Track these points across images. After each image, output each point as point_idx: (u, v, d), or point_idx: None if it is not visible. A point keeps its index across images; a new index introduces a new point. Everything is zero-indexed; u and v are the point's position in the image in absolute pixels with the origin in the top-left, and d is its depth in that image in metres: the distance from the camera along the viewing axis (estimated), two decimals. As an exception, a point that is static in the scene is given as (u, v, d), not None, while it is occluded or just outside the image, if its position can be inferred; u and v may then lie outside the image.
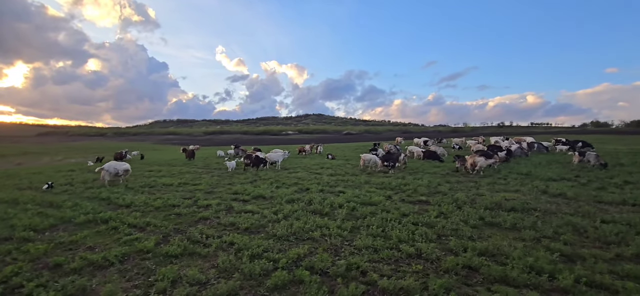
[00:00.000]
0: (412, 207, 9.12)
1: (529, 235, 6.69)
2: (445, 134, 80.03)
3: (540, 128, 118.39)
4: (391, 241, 6.36)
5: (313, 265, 5.29)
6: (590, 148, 24.89)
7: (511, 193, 10.77)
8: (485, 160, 15.62)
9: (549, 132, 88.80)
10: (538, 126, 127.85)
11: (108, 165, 14.52)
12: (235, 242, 6.38)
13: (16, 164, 35.89)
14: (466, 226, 7.35)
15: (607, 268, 5.09)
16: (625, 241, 6.20)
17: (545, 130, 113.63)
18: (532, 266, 5.06)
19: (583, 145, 25.61)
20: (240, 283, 4.84)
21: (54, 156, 47.77)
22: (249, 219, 7.95)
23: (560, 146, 25.24)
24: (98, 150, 47.58)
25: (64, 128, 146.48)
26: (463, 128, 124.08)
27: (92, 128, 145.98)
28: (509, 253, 5.62)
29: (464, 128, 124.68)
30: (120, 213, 8.83)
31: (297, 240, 6.66)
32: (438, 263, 5.40)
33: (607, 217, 7.78)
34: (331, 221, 7.75)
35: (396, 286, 4.58)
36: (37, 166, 28.67)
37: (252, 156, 18.97)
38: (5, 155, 48.54)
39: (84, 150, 56.17)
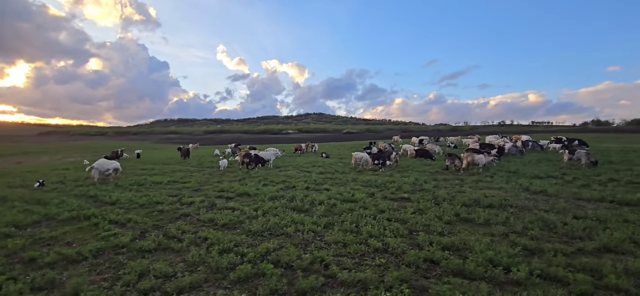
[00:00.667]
0: (392, 204, 9.24)
1: (499, 230, 6.81)
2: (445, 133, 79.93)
3: (541, 127, 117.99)
4: (361, 236, 6.49)
5: (279, 259, 5.42)
6: (585, 147, 24.97)
7: (493, 191, 10.88)
8: (485, 157, 15.63)
9: (549, 131, 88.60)
10: (538, 125, 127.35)
11: (98, 164, 14.70)
12: (209, 238, 6.53)
13: (15, 163, 36.17)
14: (439, 222, 7.47)
15: (565, 261, 5.20)
16: (591, 236, 6.31)
17: (545, 128, 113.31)
18: (492, 260, 5.18)
19: (579, 143, 25.64)
20: (205, 276, 4.97)
21: (53, 155, 48.10)
22: (228, 216, 8.09)
23: (554, 144, 25.26)
24: (98, 149, 47.85)
25: (65, 128, 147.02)
26: (463, 127, 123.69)
27: (93, 127, 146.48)
28: (473, 247, 5.74)
29: (464, 127, 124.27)
30: (103, 210, 8.99)
31: (270, 236, 6.80)
32: (401, 257, 5.52)
33: (580, 213, 7.88)
34: (308, 217, 7.89)
35: (354, 279, 4.71)
36: (34, 165, 28.91)
37: (252, 155, 19.04)
38: (5, 155, 48.88)
39: (84, 149, 56.47)
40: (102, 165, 14.76)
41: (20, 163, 34.48)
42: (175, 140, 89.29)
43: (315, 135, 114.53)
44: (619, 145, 27.64)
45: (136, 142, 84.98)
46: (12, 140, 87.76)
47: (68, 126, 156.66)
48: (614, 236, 6.12)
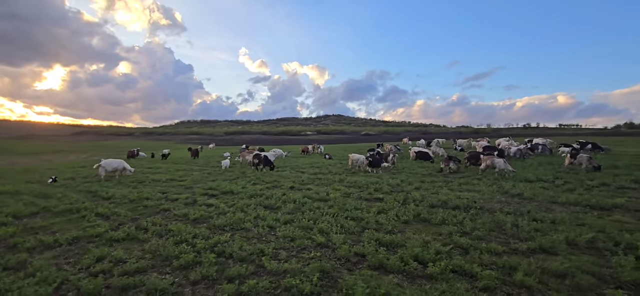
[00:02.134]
0: (361, 203, 9.59)
1: (448, 230, 7.06)
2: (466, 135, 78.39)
3: (568, 130, 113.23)
4: (312, 232, 6.92)
5: (224, 250, 5.94)
6: (600, 150, 24.16)
7: (471, 193, 10.99)
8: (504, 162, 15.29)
9: (577, 134, 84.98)
10: (566, 128, 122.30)
11: (104, 162, 15.78)
12: (174, 230, 7.14)
13: (45, 160, 38.77)
14: (396, 221, 7.79)
15: (489, 259, 5.44)
16: (533, 237, 6.44)
17: (573, 131, 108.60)
18: (417, 256, 5.49)
19: (592, 147, 24.84)
20: (153, 263, 5.57)
21: (80, 154, 51.04)
22: (201, 211, 8.70)
23: (563, 148, 24.56)
24: (123, 148, 50.26)
25: (96, 128, 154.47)
26: (485, 129, 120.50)
27: (122, 128, 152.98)
28: (408, 244, 6.04)
29: (486, 129, 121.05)
30: (96, 204, 9.84)
31: (230, 229, 7.34)
32: (335, 251, 5.92)
33: (541, 216, 7.93)
34: (273, 214, 8.39)
35: (280, 269, 5.17)
36: (59, 163, 30.96)
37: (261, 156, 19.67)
38: (38, 153, 52.31)
39: (110, 148, 59.49)
40: (108, 164, 15.84)
41: (49, 161, 36.93)
42: (196, 140, 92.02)
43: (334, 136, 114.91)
44: (630, 150, 26.49)
45: (161, 142, 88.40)
46: (47, 140, 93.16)
47: (99, 126, 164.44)
48: (552, 238, 6.26)
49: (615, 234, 6.50)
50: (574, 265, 5.09)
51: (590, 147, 24.80)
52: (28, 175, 17.86)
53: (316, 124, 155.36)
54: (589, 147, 24.80)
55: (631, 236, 6.27)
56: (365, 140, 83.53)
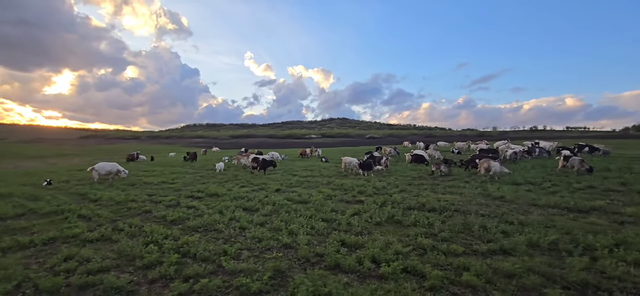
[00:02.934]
0: (340, 205, 9.70)
1: (416, 231, 7.14)
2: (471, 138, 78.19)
3: (575, 133, 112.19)
4: (281, 233, 7.05)
5: (189, 250, 6.10)
6: (596, 153, 23.99)
7: (453, 196, 11.02)
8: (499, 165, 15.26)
9: (583, 136, 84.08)
10: (573, 130, 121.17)
11: (98, 166, 16.09)
12: (147, 231, 7.33)
13: (50, 164, 39.46)
14: (368, 223, 7.89)
15: (445, 260, 5.53)
16: (499, 239, 6.49)
17: (580, 134, 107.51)
18: (374, 256, 5.59)
19: (589, 150, 24.67)
20: (118, 262, 5.75)
21: (84, 157, 51.75)
22: (180, 213, 8.89)
23: (564, 151, 24.36)
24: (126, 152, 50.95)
25: (103, 132, 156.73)
26: (490, 132, 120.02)
27: (128, 131, 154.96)
28: (369, 246, 6.14)
29: (492, 132, 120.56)
30: (80, 207, 10.07)
31: (204, 231, 7.50)
32: (296, 252, 6.04)
33: (514, 218, 7.96)
34: (250, 215, 8.55)
35: (237, 268, 5.31)
36: (62, 166, 31.48)
37: (260, 159, 19.82)
38: (45, 156, 53.25)
39: (114, 152, 60.29)
40: (101, 168, 16.14)
41: (54, 164, 37.59)
42: (201, 143, 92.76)
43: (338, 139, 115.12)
44: (631, 153, 26.19)
45: (167, 145, 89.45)
46: (55, 144, 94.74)
47: (106, 130, 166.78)
48: (515, 240, 6.31)
49: (580, 236, 6.53)
50: (525, 266, 5.15)
51: (587, 149, 24.62)
52: (26, 178, 18.25)
53: (321, 127, 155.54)
54: (586, 149, 24.62)
55: (594, 238, 6.30)
56: (370, 143, 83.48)
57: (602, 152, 23.91)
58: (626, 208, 8.81)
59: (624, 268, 5.13)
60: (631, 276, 4.93)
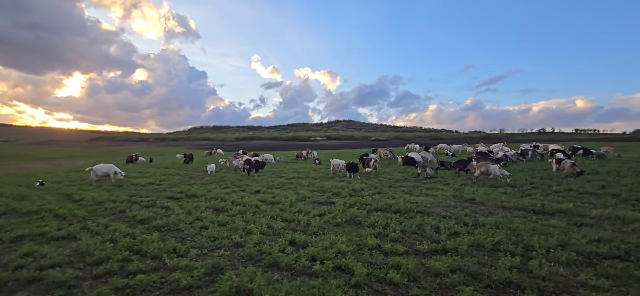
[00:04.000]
0: (309, 207, 9.89)
1: (369, 231, 7.31)
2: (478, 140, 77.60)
3: (584, 135, 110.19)
4: (237, 232, 7.29)
5: (141, 248, 6.36)
6: (591, 156, 23.75)
7: (426, 198, 11.12)
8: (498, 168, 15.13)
9: (592, 139, 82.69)
10: (582, 133, 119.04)
11: (96, 167, 16.56)
12: (111, 229, 7.63)
13: (55, 165, 40.42)
14: (329, 223, 8.09)
15: (382, 259, 5.71)
16: (443, 240, 6.62)
17: (589, 136, 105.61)
18: (313, 255, 5.79)
19: (583, 153, 24.44)
20: (71, 259, 6.05)
21: (89, 159, 52.80)
22: (151, 213, 9.20)
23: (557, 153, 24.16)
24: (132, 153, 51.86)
25: (112, 134, 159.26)
26: (497, 134, 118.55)
27: (137, 134, 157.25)
28: (315, 245, 6.33)
29: (499, 134, 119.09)
30: (61, 206, 10.45)
31: (166, 230, 7.78)
32: (243, 249, 6.26)
33: (471, 219, 8.06)
34: (216, 215, 8.81)
35: (178, 264, 5.55)
36: (66, 167, 32.25)
37: (252, 161, 20.13)
38: (53, 158, 54.50)
39: (121, 153, 61.28)
40: (98, 169, 16.60)
41: (59, 165, 38.49)
42: (207, 145, 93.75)
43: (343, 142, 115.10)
44: (634, 155, 25.82)
45: (174, 147, 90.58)
46: (65, 145, 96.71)
47: (115, 132, 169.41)
48: (459, 240, 6.44)
49: (526, 237, 6.62)
50: (454, 265, 5.29)
51: (581, 152, 24.39)
52: (24, 179, 18.85)
53: (326, 130, 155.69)
54: (580, 152, 24.39)
55: (538, 239, 6.40)
56: (375, 145, 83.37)
57: (595, 155, 23.65)
58: (591, 211, 8.84)
59: (552, 268, 5.24)
60: (556, 275, 5.04)
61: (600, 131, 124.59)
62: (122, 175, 16.94)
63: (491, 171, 14.98)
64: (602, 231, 7.13)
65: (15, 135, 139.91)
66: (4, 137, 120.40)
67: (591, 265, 5.42)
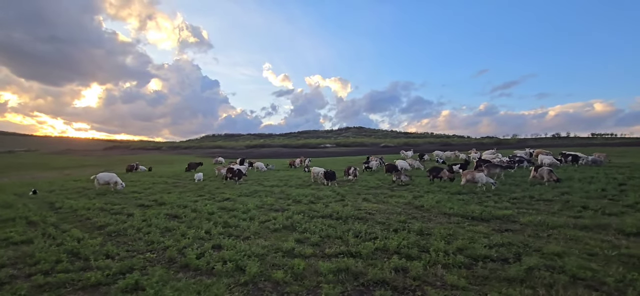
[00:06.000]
0: (263, 213, 10.47)
1: (295, 236, 7.87)
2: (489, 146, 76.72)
3: (599, 139, 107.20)
4: (175, 238, 7.97)
5: (79, 251, 7.10)
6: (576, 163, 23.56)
7: (379, 205, 11.59)
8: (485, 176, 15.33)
9: (607, 144, 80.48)
10: (597, 137, 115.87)
11: (99, 176, 17.64)
12: (66, 235, 8.42)
13: (65, 174, 42.26)
14: (267, 229, 8.72)
15: (287, 261, 6.28)
16: (354, 244, 7.12)
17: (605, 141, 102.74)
18: (225, 258, 6.38)
19: (572, 159, 24.26)
20: (14, 260, 6.82)
21: (100, 168, 54.85)
22: (111, 219, 10.02)
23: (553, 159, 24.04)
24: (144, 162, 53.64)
25: (127, 143, 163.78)
26: (509, 140, 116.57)
27: (151, 142, 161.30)
28: (238, 249, 6.94)
29: (510, 140, 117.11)
30: (36, 214, 11.37)
31: (116, 235, 8.54)
32: (166, 253, 6.92)
33: (401, 225, 8.54)
34: (168, 222, 9.56)
35: (99, 265, 6.25)
36: (74, 176, 33.82)
37: (235, 169, 20.93)
38: (66, 167, 56.71)
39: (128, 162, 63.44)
40: (101, 178, 17.68)
41: (69, 175, 40.26)
42: (217, 153, 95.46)
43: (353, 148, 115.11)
44: (625, 161, 25.49)
45: (186, 155, 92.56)
46: (82, 154, 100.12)
47: (130, 141, 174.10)
48: (369, 245, 6.93)
49: (432, 241, 7.05)
50: (342, 266, 5.83)
51: (570, 159, 24.21)
52: (23, 189, 20.08)
53: (336, 136, 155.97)
54: (570, 158, 24.22)
55: (444, 244, 6.84)
56: (384, 152, 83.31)
57: (585, 161, 23.44)
58: (525, 218, 9.14)
59: (431, 270, 5.71)
60: (430, 276, 5.51)
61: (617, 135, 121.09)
62: (122, 186, 17.67)
63: (477, 179, 15.23)
64: (513, 237, 7.50)
65: (35, 144, 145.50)
66: (25, 146, 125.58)
67: (470, 267, 5.85)
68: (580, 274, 5.30)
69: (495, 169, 18.27)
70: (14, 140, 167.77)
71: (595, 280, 5.14)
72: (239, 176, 19.51)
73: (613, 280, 5.06)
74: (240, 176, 19.66)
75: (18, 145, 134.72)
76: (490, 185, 14.56)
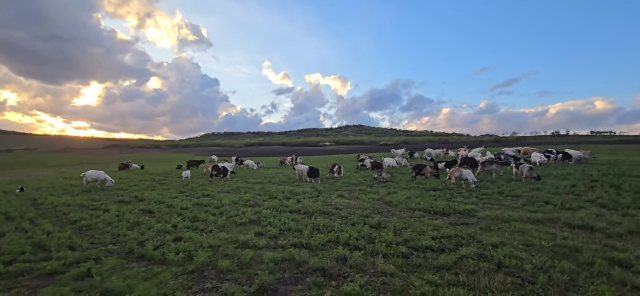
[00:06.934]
0: (235, 209, 10.77)
1: (257, 230, 8.21)
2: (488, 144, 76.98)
3: (598, 137, 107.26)
4: (141, 230, 8.30)
5: (46, 244, 7.43)
6: (569, 161, 23.82)
7: (350, 201, 11.90)
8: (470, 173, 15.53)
9: (607, 142, 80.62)
10: (596, 135, 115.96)
11: (87, 173, 17.99)
12: (38, 229, 8.76)
13: (61, 172, 42.64)
14: (234, 223, 9.04)
15: (233, 252, 6.59)
16: (309, 236, 7.45)
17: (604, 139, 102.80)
18: (179, 249, 6.71)
19: (563, 156, 24.51)
20: (-17, 251, 7.16)
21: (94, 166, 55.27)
22: (85, 215, 10.36)
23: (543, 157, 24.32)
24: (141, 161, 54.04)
25: (126, 141, 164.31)
26: (508, 138, 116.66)
27: (150, 141, 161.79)
28: (196, 241, 7.27)
29: (509, 138, 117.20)
30: (17, 210, 11.72)
31: (87, 229, 8.89)
32: (126, 245, 7.26)
33: (366, 220, 8.84)
34: (140, 216, 9.88)
35: (61, 256, 6.58)
36: (68, 174, 34.22)
37: (219, 167, 21.30)
38: (63, 165, 57.10)
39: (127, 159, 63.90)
40: (89, 175, 18.03)
41: (64, 173, 40.64)
42: (215, 151, 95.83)
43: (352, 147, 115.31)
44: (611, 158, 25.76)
45: (184, 153, 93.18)
46: (81, 153, 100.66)
47: (130, 140, 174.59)
48: (320, 237, 7.26)
49: (387, 234, 7.33)
50: (284, 256, 6.17)
51: (560, 156, 24.47)
52: (12, 186, 20.44)
53: (336, 135, 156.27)
54: (560, 156, 24.47)
55: (393, 236, 7.17)
56: (383, 150, 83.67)
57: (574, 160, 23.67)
58: (483, 212, 9.46)
59: (370, 258, 6.04)
60: (366, 264, 5.84)
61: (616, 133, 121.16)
62: (112, 183, 18.03)
63: (463, 175, 15.49)
64: (464, 229, 7.82)
65: (35, 143, 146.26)
66: (24, 145, 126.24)
67: (408, 257, 6.18)
68: (505, 262, 5.62)
69: (491, 165, 18.58)
70: (13, 138, 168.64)
71: (516, 267, 5.46)
72: (223, 174, 19.85)
73: (531, 267, 5.38)
74: (225, 174, 19.99)
75: (17, 143, 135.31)
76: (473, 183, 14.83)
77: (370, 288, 4.90)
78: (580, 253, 6.06)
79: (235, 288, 5.04)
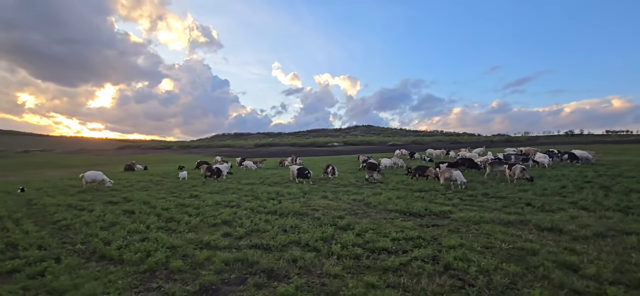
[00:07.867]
0: (213, 210, 10.91)
1: (225, 230, 8.32)
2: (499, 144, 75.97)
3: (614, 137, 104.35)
4: (113, 230, 8.50)
5: (18, 243, 7.69)
6: (576, 162, 23.25)
7: (331, 202, 11.92)
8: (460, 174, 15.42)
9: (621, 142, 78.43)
10: (612, 134, 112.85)
11: (86, 174, 18.49)
12: (21, 228, 9.06)
13: (72, 173, 43.88)
14: (206, 224, 9.18)
15: (193, 251, 6.70)
16: (271, 238, 7.51)
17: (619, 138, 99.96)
18: (139, 249, 6.85)
19: (569, 157, 23.92)
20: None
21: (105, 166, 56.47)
22: (70, 215, 10.65)
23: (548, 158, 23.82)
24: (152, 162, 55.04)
25: (139, 142, 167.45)
26: (520, 137, 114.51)
27: (162, 142, 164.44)
28: (157, 241, 7.41)
29: (521, 137, 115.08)
30: (8, 209, 12.12)
31: (65, 228, 9.15)
32: (93, 244, 7.45)
33: (337, 222, 8.87)
34: (120, 217, 10.11)
35: (27, 254, 6.81)
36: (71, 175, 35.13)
37: (213, 168, 21.66)
38: (75, 166, 58.46)
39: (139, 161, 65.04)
40: (88, 176, 18.53)
41: (75, 174, 41.81)
42: (225, 152, 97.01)
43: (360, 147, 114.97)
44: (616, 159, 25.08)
45: (195, 154, 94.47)
46: (94, 154, 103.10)
47: (142, 141, 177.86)
48: (285, 238, 7.33)
49: (348, 236, 7.35)
50: (238, 256, 6.25)
51: (566, 156, 23.88)
52: (15, 187, 21.11)
53: (345, 135, 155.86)
54: (565, 157, 23.88)
55: (353, 237, 7.18)
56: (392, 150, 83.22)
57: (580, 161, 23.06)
58: (458, 214, 9.37)
59: (323, 259, 6.08)
60: (317, 265, 5.89)
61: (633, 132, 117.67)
62: (110, 183, 18.50)
63: (455, 176, 15.34)
64: (431, 231, 7.79)
65: (51, 144, 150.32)
66: (41, 146, 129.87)
67: (359, 258, 6.17)
68: (454, 264, 5.58)
69: (500, 166, 18.29)
70: (31, 140, 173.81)
71: (461, 270, 5.41)
72: (217, 174, 20.09)
73: (475, 269, 5.32)
74: (219, 174, 20.23)
75: (34, 145, 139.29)
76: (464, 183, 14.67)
77: (306, 290, 4.94)
78: (535, 255, 5.97)
79: (177, 288, 5.14)
